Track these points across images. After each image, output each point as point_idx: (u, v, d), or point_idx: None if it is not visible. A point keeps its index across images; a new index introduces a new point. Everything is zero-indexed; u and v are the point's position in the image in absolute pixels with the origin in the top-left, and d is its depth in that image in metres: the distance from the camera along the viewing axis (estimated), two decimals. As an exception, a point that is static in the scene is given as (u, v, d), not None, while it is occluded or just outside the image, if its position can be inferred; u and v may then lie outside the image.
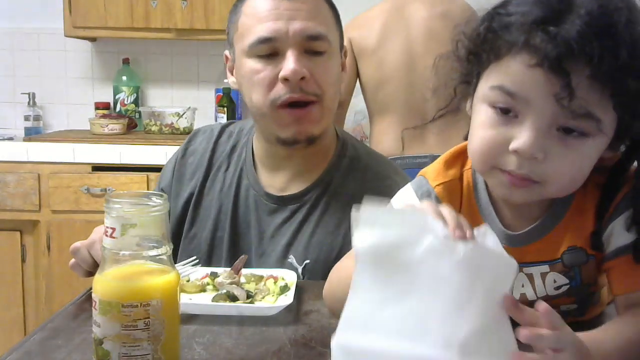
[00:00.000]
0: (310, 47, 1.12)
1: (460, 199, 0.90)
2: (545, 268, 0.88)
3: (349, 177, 1.21)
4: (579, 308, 0.94)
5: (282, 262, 1.15)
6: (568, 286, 0.89)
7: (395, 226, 0.64)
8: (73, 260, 1.07)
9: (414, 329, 0.61)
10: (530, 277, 0.89)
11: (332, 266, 1.12)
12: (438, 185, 0.91)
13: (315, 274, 1.15)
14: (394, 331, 0.61)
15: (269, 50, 1.11)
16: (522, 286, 0.89)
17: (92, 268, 1.05)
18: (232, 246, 1.20)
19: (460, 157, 0.92)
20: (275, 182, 1.23)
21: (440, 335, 0.60)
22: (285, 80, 1.10)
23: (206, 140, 1.31)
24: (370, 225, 0.64)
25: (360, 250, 0.64)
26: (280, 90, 1.11)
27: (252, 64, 1.13)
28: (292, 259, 1.16)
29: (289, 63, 1.09)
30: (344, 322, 0.64)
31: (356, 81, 2.09)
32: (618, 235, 0.85)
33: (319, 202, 1.20)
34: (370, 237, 0.63)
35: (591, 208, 0.86)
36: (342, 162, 1.23)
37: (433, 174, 0.92)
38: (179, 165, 1.30)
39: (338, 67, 1.18)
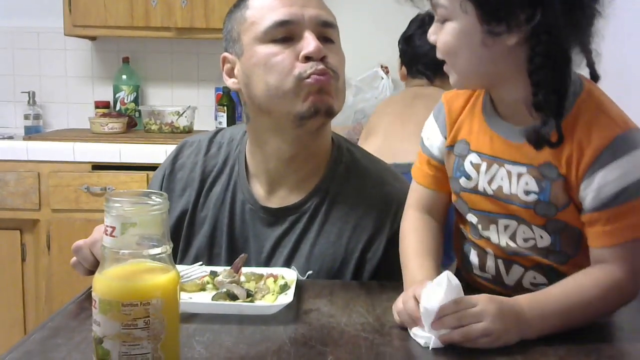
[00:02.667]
0: (323, 33, 1.13)
1: (466, 102, 1.05)
2: (523, 169, 0.96)
3: (347, 184, 1.19)
4: (556, 254, 0.99)
5: None
6: (536, 197, 0.95)
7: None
8: (74, 258, 1.07)
9: None
10: (509, 174, 0.98)
11: (336, 277, 1.16)
12: (446, 95, 1.09)
13: None
14: None
15: (286, 33, 1.11)
16: (502, 179, 0.98)
17: (94, 267, 1.05)
18: (230, 263, 1.17)
19: None
20: (274, 193, 1.21)
21: None
22: (307, 59, 1.10)
23: (194, 153, 1.28)
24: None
25: None
26: (303, 66, 1.10)
27: (268, 49, 1.12)
28: (294, 269, 1.15)
29: (311, 41, 1.10)
30: None
31: None
32: (600, 188, 0.90)
33: (318, 211, 1.18)
34: None
35: (581, 129, 0.92)
36: (338, 168, 1.21)
37: (448, 95, 1.09)
38: (167, 182, 1.27)
39: (344, 58, 1.19)
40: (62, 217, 2.58)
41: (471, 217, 1.04)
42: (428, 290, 0.87)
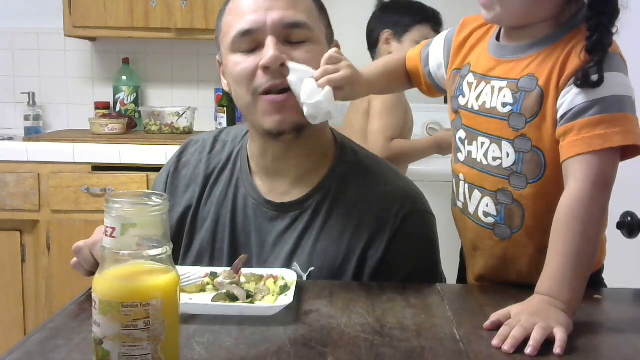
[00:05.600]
0: (291, 35, 1.12)
1: (477, 28, 1.16)
2: (503, 83, 1.06)
3: (350, 183, 1.20)
4: (517, 177, 1.06)
5: None
6: (511, 109, 1.04)
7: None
8: (75, 259, 1.07)
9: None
10: (493, 89, 1.07)
11: (338, 274, 1.16)
12: (466, 18, 1.20)
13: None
14: None
15: (250, 43, 1.12)
16: (486, 95, 1.08)
17: (94, 268, 1.05)
18: (232, 258, 1.18)
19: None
20: (274, 188, 1.21)
21: None
22: (266, 68, 1.10)
23: (199, 151, 1.29)
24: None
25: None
26: (261, 78, 1.10)
27: (236, 58, 1.13)
28: (296, 266, 1.15)
29: (268, 50, 1.09)
30: None
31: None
32: (576, 95, 0.98)
33: (320, 208, 1.18)
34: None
35: (569, 49, 1.01)
36: (341, 167, 1.21)
37: (469, 18, 1.20)
38: (172, 178, 1.28)
39: (321, 57, 1.13)
40: (62, 218, 2.58)
41: (461, 133, 1.14)
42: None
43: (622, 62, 1.00)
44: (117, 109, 3.10)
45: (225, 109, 2.96)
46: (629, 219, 1.43)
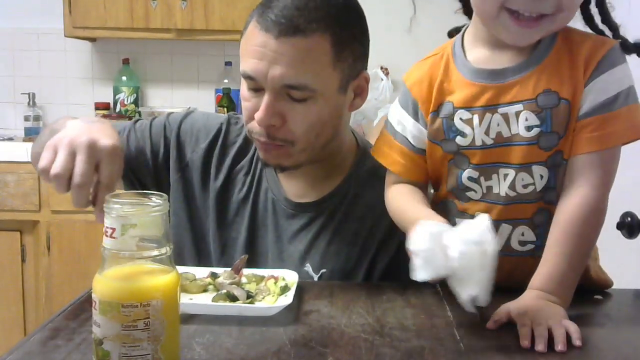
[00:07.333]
0: (291, 93, 1.08)
1: (433, 71, 1.05)
2: (519, 107, 0.98)
3: (367, 187, 1.20)
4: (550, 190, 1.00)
5: (298, 270, 1.13)
6: (539, 130, 0.97)
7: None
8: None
9: None
10: (505, 116, 0.98)
11: (349, 277, 1.17)
12: (409, 81, 1.08)
13: None
14: None
15: (254, 85, 1.10)
16: (498, 125, 0.99)
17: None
18: (248, 249, 1.19)
19: (440, 49, 1.08)
20: (292, 188, 1.22)
21: None
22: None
23: (235, 133, 1.28)
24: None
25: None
26: (254, 126, 1.12)
27: (244, 88, 1.13)
28: (308, 267, 1.16)
29: (261, 108, 1.08)
30: None
31: None
32: (598, 91, 0.96)
33: (336, 211, 1.19)
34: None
35: (578, 52, 0.98)
36: (361, 172, 1.22)
37: (408, 75, 1.10)
38: (220, 150, 1.26)
39: (325, 111, 1.11)
40: (62, 218, 2.58)
41: (470, 173, 1.02)
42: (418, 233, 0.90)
43: (621, 51, 1.00)
44: (117, 109, 3.11)
45: (225, 109, 2.96)
46: (629, 219, 1.43)
